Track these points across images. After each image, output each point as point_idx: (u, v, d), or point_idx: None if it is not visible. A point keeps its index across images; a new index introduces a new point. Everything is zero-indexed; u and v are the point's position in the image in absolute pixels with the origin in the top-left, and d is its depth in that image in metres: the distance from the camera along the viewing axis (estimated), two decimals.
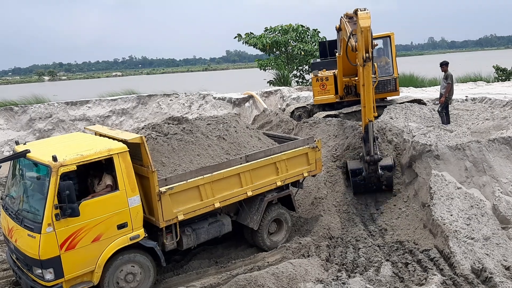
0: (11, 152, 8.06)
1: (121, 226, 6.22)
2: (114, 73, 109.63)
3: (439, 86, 13.88)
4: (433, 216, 7.82)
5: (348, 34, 9.42)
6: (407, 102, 13.04)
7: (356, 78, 12.76)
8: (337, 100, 13.24)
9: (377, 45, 8.67)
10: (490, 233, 7.27)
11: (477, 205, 7.77)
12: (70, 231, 5.80)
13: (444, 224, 7.53)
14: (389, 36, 12.86)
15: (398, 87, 13.05)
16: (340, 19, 10.64)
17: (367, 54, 8.54)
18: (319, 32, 26.55)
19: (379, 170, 9.10)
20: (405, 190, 9.45)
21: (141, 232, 6.43)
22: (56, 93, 30.22)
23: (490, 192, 8.16)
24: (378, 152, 9.15)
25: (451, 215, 7.61)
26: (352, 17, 9.78)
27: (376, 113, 9.49)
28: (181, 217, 6.72)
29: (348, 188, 9.70)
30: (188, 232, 7.10)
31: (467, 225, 7.41)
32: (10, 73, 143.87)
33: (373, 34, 13.05)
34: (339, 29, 11.12)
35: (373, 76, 9.43)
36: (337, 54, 12.19)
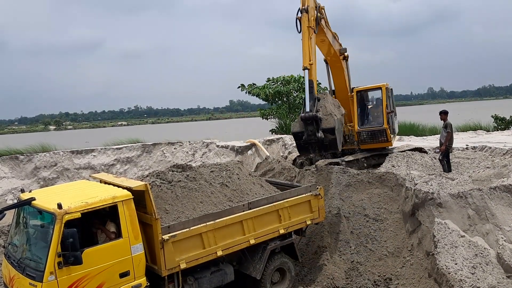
0: (15, 201, 8.11)
1: (123, 275, 6.18)
2: (119, 123, 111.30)
3: (439, 134, 14.07)
4: (438, 265, 7.73)
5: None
6: (409, 150, 13.15)
7: (351, 123, 13.01)
8: None
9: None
10: (495, 282, 7.16)
11: (481, 253, 7.70)
12: (72, 279, 5.76)
13: (449, 273, 7.42)
14: (381, 88, 12.96)
15: (389, 137, 12.88)
16: None
17: (303, 7, 9.12)
18: (320, 83, 27.23)
19: (319, 132, 8.44)
20: (409, 238, 9.38)
21: (143, 281, 6.37)
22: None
23: (494, 240, 8.10)
24: (317, 112, 8.47)
25: (456, 264, 7.53)
26: None
27: (312, 62, 9.11)
28: (183, 266, 6.68)
29: (352, 234, 9.63)
30: (190, 281, 7.02)
31: (472, 274, 7.31)
32: (17, 123, 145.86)
33: (367, 85, 13.52)
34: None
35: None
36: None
